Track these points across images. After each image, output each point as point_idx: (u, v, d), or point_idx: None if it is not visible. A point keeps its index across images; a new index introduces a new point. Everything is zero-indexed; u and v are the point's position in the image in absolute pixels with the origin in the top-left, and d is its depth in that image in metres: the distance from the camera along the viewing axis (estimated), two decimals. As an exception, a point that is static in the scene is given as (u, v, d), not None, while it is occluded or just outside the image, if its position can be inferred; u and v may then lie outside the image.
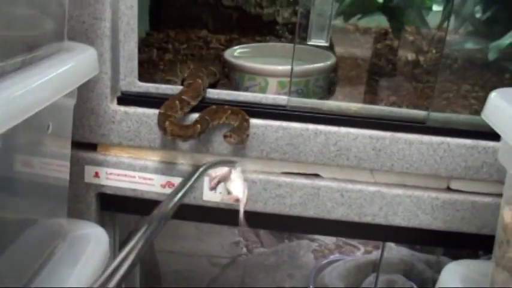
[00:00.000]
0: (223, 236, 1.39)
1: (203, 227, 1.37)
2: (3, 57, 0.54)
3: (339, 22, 1.26)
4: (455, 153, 0.81)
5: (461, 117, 0.84)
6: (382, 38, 1.30)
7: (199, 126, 0.77)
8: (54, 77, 0.60)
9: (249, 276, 1.30)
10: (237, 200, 0.69)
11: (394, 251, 1.30)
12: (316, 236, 1.42)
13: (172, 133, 0.77)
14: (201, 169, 0.66)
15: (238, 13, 1.27)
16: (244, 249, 1.37)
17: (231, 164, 0.72)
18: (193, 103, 0.80)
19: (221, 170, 0.71)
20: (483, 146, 0.80)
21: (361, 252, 1.38)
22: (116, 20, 0.80)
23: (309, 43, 0.80)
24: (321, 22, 0.77)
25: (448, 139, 0.81)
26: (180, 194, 0.58)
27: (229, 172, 0.70)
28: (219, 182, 0.71)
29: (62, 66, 0.62)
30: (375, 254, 1.35)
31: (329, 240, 1.41)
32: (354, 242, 1.41)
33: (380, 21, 1.24)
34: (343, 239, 1.42)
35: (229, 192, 0.69)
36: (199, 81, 0.83)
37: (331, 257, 1.35)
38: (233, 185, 0.70)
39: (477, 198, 0.83)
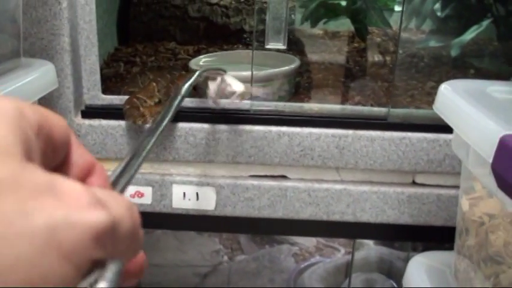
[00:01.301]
0: (203, 245, 1.39)
1: (183, 238, 1.38)
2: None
3: (306, 28, 1.28)
4: (417, 147, 0.82)
5: (421, 112, 0.85)
6: (349, 41, 1.32)
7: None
8: (10, 92, 0.60)
9: (230, 284, 1.30)
10: (242, 95, 0.78)
11: (373, 250, 1.31)
12: (297, 240, 1.43)
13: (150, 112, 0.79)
14: (194, 76, 0.71)
15: (206, 23, 1.28)
16: (225, 257, 1.38)
17: (219, 70, 0.80)
18: (150, 102, 0.81)
19: (214, 83, 0.80)
20: (444, 139, 0.82)
21: (341, 253, 1.39)
22: (75, 35, 0.81)
23: (267, 47, 0.82)
24: (277, 26, 0.79)
25: (409, 134, 0.82)
26: (178, 99, 0.63)
27: (223, 78, 0.79)
28: (219, 92, 0.79)
29: (18, 82, 0.63)
30: (356, 255, 1.36)
31: (309, 244, 1.41)
32: (335, 244, 1.42)
33: (348, 24, 1.26)
34: (324, 241, 1.43)
35: (231, 93, 0.78)
36: (154, 84, 0.85)
37: (312, 260, 1.36)
38: (232, 84, 0.78)
39: (442, 191, 0.84)
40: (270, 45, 0.81)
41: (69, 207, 0.20)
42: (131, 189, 0.85)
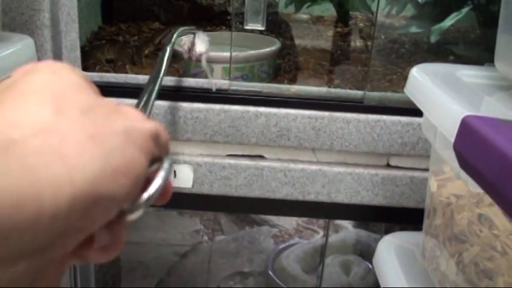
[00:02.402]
0: (184, 225, 1.41)
1: (164, 218, 1.39)
2: None
3: (291, 12, 1.29)
4: (392, 130, 0.84)
5: (396, 95, 0.87)
6: (333, 26, 1.33)
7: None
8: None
9: (209, 263, 1.32)
10: (200, 55, 0.86)
11: (351, 232, 1.33)
12: (277, 222, 1.45)
13: None
14: (174, 37, 0.81)
15: (190, 4, 1.28)
16: (205, 237, 1.39)
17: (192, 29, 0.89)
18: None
19: (188, 40, 0.88)
20: (418, 123, 0.83)
21: (320, 235, 1.41)
22: (56, 11, 0.81)
23: (246, 27, 0.82)
24: (256, 6, 0.79)
25: (384, 117, 0.84)
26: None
27: (194, 37, 0.87)
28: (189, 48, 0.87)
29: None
30: (334, 237, 1.38)
31: (289, 225, 1.43)
32: (314, 226, 1.44)
33: (332, 10, 1.27)
34: (303, 223, 1.45)
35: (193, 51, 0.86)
36: None
37: (290, 241, 1.38)
38: (197, 44, 0.87)
39: (415, 174, 0.86)
40: (249, 26, 0.82)
41: (133, 119, 0.29)
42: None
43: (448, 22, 1.10)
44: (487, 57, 1.17)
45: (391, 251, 0.75)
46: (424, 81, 0.64)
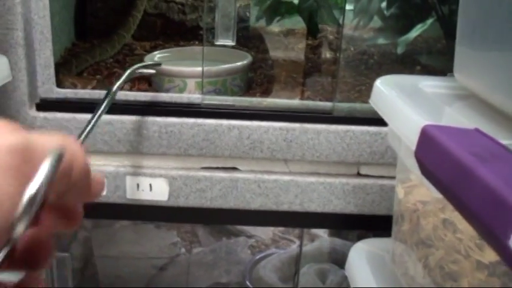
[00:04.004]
0: (161, 238, 1.42)
1: (141, 231, 1.40)
2: None
3: (262, 25, 1.31)
4: (361, 140, 0.86)
5: (364, 106, 0.90)
6: (303, 39, 1.36)
7: None
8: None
9: (186, 275, 1.33)
10: None
11: (326, 241, 1.36)
12: (253, 233, 1.46)
13: None
14: (125, 74, 0.82)
15: (162, 20, 1.30)
16: (183, 249, 1.41)
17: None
18: None
19: None
20: (385, 132, 0.86)
21: (296, 245, 1.43)
22: (29, 30, 0.83)
23: (217, 43, 0.85)
24: (226, 23, 0.82)
25: (353, 127, 0.86)
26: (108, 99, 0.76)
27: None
28: None
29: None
30: (309, 246, 1.40)
31: (265, 236, 1.45)
32: (290, 236, 1.46)
33: (303, 23, 1.30)
34: (280, 233, 1.47)
35: None
36: None
37: (267, 251, 1.40)
38: None
39: (385, 182, 0.89)
40: (220, 42, 0.84)
41: None
42: (86, 181, 0.87)
43: (414, 33, 1.14)
44: (451, 66, 1.21)
45: (362, 256, 0.77)
46: (387, 93, 0.66)
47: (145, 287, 1.28)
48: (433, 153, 0.49)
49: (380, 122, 0.85)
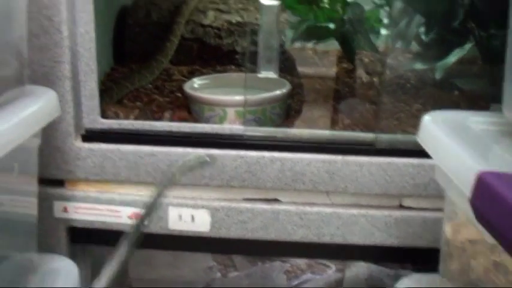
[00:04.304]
0: (197, 262, 1.42)
1: (177, 254, 1.40)
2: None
3: (296, 47, 1.31)
4: (404, 172, 0.86)
5: (408, 138, 0.89)
6: (339, 62, 1.35)
7: None
8: (17, 122, 0.63)
9: (222, 300, 1.33)
10: None
11: (364, 268, 1.34)
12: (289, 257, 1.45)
13: None
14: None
15: (199, 44, 1.31)
16: (219, 274, 1.40)
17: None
18: None
19: None
20: (429, 164, 0.85)
21: (332, 270, 1.42)
22: (75, 62, 0.84)
23: (260, 76, 0.85)
24: (269, 55, 0.82)
25: (396, 159, 0.85)
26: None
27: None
28: None
29: (23, 111, 0.66)
30: (347, 272, 1.39)
31: (301, 261, 1.44)
32: (326, 261, 1.45)
33: (337, 44, 1.30)
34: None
35: None
36: None
37: (303, 277, 1.39)
38: None
39: (427, 214, 0.88)
40: (263, 74, 0.84)
41: None
42: (128, 211, 0.88)
43: (452, 58, 1.12)
44: (491, 92, 1.20)
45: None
46: (435, 131, 0.66)
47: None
48: (491, 203, 0.49)
49: (423, 154, 0.85)
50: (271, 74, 0.83)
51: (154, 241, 0.90)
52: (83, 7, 0.82)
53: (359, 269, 1.33)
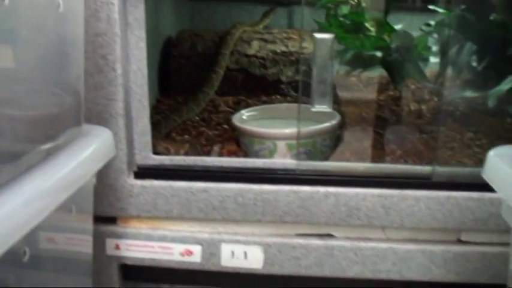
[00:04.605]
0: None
1: None
2: (29, 148, 0.58)
3: (341, 74, 1.30)
4: (463, 206, 0.83)
5: (466, 171, 0.86)
6: (384, 89, 1.34)
7: None
8: (77, 165, 0.63)
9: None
10: None
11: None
12: None
13: None
14: None
15: (244, 75, 1.31)
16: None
17: None
18: None
19: None
20: (489, 198, 0.82)
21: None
22: (128, 99, 0.84)
23: (313, 110, 0.84)
24: (322, 89, 0.81)
25: (455, 193, 0.83)
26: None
27: None
28: None
29: (83, 154, 0.66)
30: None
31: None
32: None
33: (380, 70, 1.28)
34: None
35: None
36: None
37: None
38: None
39: (487, 249, 0.85)
40: (316, 109, 0.83)
41: None
42: (179, 248, 0.87)
43: (505, 86, 1.10)
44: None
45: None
46: (502, 167, 0.64)
47: None
48: None
49: (483, 187, 0.82)
50: (326, 108, 0.82)
51: (207, 278, 0.89)
52: (137, 44, 0.82)
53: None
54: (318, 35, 0.79)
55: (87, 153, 0.67)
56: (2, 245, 0.47)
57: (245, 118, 1.07)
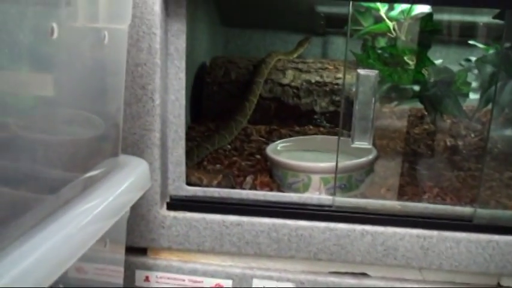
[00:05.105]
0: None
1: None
2: (68, 178, 0.57)
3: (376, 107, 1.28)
4: (505, 250, 0.80)
5: (508, 214, 0.84)
6: (419, 122, 1.31)
7: None
8: (114, 199, 0.62)
9: None
10: None
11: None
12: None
13: None
14: None
15: (277, 104, 1.30)
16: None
17: None
18: None
19: None
20: (532, 243, 0.80)
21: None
22: (164, 129, 0.84)
23: (353, 146, 0.82)
24: (364, 125, 0.79)
25: (496, 237, 0.80)
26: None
27: None
28: None
29: (119, 187, 0.65)
30: None
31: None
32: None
33: (416, 104, 1.26)
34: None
35: None
36: None
37: None
38: None
39: (529, 295, 0.82)
40: (356, 145, 0.81)
41: None
42: (211, 282, 0.86)
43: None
44: None
45: None
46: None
47: None
48: None
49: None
50: (366, 145, 0.80)
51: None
52: (176, 75, 0.82)
53: None
54: (362, 71, 0.78)
55: (125, 185, 0.66)
56: (43, 283, 0.46)
57: (279, 149, 1.06)
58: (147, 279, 0.86)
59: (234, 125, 1.20)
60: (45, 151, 0.53)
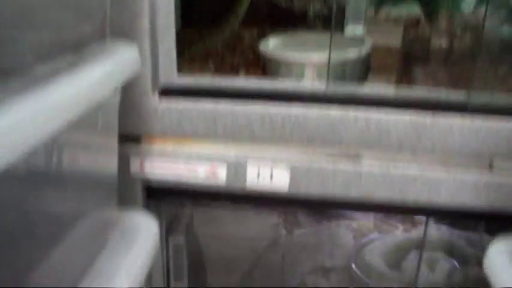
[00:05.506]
0: (262, 219, 1.41)
1: (243, 211, 1.39)
2: (54, 56, 0.57)
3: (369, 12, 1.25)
4: (498, 133, 0.81)
5: (502, 98, 0.84)
6: (413, 27, 1.29)
7: None
8: (100, 77, 0.62)
9: (289, 257, 1.32)
10: None
11: (434, 229, 1.31)
12: (354, 216, 1.43)
13: None
14: None
15: (269, 6, 1.27)
16: (284, 231, 1.39)
17: None
18: None
19: None
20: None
21: (400, 230, 1.39)
22: (153, 17, 0.82)
23: (346, 32, 0.81)
24: (357, 11, 0.78)
25: (490, 120, 0.80)
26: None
27: None
28: None
29: (106, 66, 0.64)
30: (414, 233, 1.36)
31: (367, 220, 1.42)
32: (393, 221, 1.42)
33: (410, 10, 1.22)
34: (381, 218, 1.43)
35: None
36: None
37: (371, 236, 1.36)
38: None
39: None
40: (349, 30, 0.80)
41: None
42: (206, 166, 0.86)
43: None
44: None
45: (503, 255, 0.73)
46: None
47: (249, 268, 1.28)
48: None
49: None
50: (359, 31, 0.79)
51: (232, 199, 0.88)
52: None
53: (430, 231, 1.29)
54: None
55: (111, 66, 0.65)
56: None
57: (272, 45, 1.04)
58: (141, 166, 0.87)
59: (225, 25, 1.18)
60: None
